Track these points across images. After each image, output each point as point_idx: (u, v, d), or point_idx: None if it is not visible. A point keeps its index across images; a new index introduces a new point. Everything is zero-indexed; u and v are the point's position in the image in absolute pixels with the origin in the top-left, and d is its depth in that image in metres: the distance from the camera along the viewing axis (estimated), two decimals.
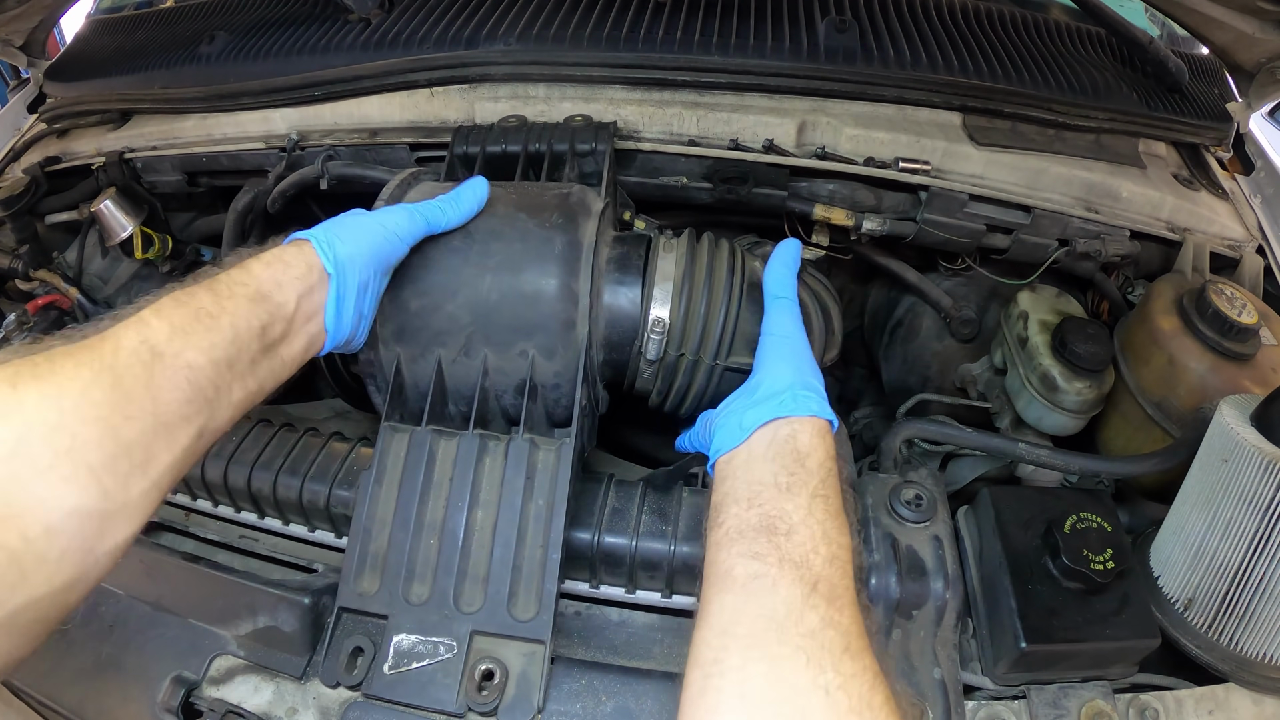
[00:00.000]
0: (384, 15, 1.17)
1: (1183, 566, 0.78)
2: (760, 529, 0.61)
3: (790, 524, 0.61)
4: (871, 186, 1.07)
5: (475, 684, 0.70)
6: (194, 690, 0.76)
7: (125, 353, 0.53)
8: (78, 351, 0.52)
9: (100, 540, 0.49)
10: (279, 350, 0.66)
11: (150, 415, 0.53)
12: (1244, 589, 0.73)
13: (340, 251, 0.69)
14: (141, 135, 1.27)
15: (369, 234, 0.72)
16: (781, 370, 0.73)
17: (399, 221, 0.75)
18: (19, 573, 0.45)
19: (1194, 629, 0.77)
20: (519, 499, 0.77)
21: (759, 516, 0.62)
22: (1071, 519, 0.77)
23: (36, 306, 1.18)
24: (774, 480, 0.65)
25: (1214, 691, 0.77)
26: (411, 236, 0.76)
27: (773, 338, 0.77)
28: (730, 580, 0.59)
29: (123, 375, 0.52)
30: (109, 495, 0.50)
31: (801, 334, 0.78)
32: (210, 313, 0.59)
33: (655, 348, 0.82)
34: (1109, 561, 0.74)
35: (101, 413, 0.50)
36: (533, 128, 1.02)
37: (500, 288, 0.79)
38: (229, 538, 0.92)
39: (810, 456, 0.66)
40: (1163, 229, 1.08)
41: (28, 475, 0.46)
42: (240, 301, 0.62)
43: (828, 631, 0.54)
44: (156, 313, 0.57)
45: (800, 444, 0.67)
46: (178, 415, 0.55)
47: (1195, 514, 0.76)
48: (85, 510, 0.48)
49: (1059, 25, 1.23)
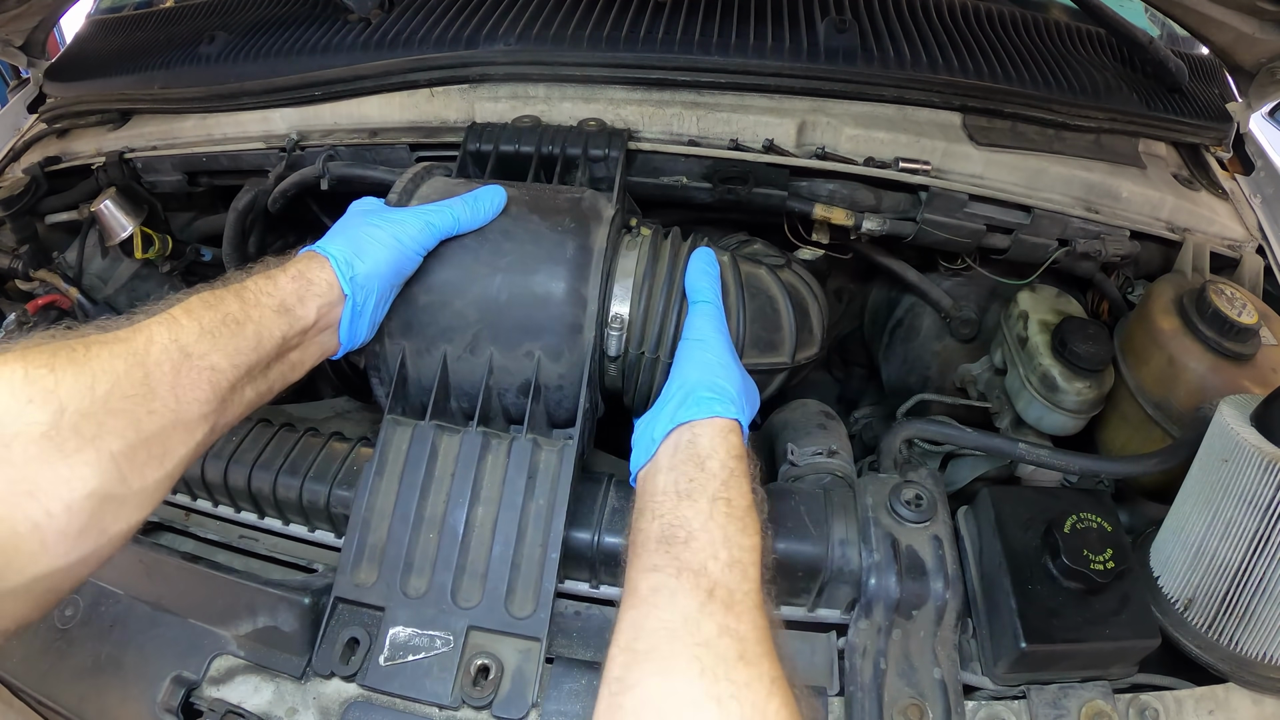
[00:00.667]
0: (384, 15, 1.17)
1: (1183, 566, 0.78)
2: (660, 540, 0.61)
3: (689, 531, 0.61)
4: (871, 186, 1.07)
5: (470, 678, 0.71)
6: (194, 690, 0.76)
7: (156, 349, 0.56)
8: (112, 343, 0.55)
9: (114, 522, 0.53)
10: (292, 356, 0.69)
11: (172, 412, 0.56)
12: (1244, 589, 0.73)
13: (358, 270, 0.72)
14: (141, 135, 1.27)
15: (387, 251, 0.74)
16: (689, 373, 0.74)
17: (414, 236, 0.76)
18: (39, 544, 0.48)
19: (1194, 629, 0.77)
20: (520, 497, 0.77)
21: (660, 527, 0.62)
22: (1071, 519, 0.77)
23: (36, 306, 1.18)
24: (675, 488, 0.65)
25: (1214, 691, 0.77)
26: (425, 249, 0.78)
27: (686, 342, 0.78)
28: (635, 596, 0.59)
29: (152, 371, 0.55)
30: (126, 482, 0.53)
31: (718, 335, 0.78)
32: (237, 319, 0.62)
33: (615, 344, 0.83)
34: (1109, 561, 0.74)
35: (129, 405, 0.53)
36: (546, 129, 1.02)
37: (511, 288, 0.80)
38: (229, 538, 0.92)
39: (711, 458, 0.67)
40: (1163, 229, 1.08)
41: (56, 456, 0.49)
42: (266, 311, 0.65)
43: (723, 639, 0.54)
44: (187, 312, 0.60)
45: (700, 447, 0.68)
46: (197, 414, 0.58)
47: (1195, 514, 0.76)
48: (103, 494, 0.51)
49: (1059, 25, 1.23)
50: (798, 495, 0.83)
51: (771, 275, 0.93)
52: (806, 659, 0.79)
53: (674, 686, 0.52)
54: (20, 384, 0.49)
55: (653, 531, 0.62)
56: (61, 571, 0.50)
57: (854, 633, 0.77)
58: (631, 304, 0.83)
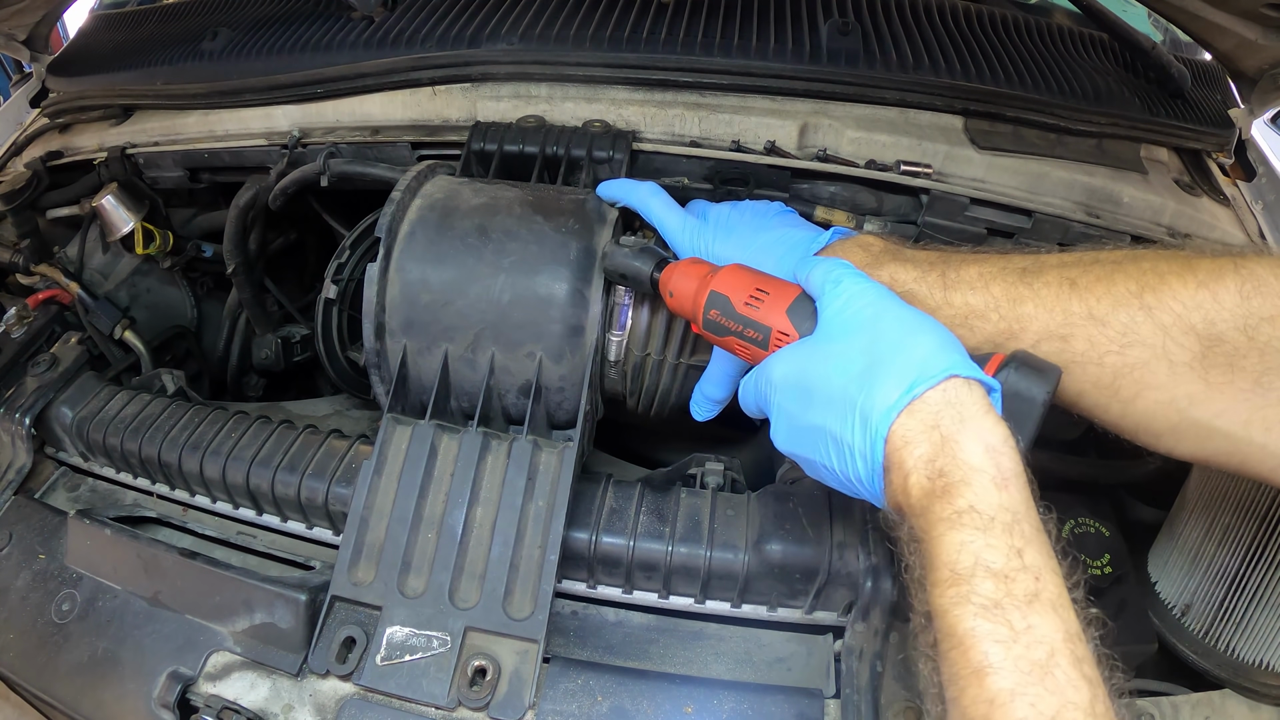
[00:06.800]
0: (387, 13, 1.17)
1: (1180, 572, 0.78)
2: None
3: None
4: (873, 189, 1.07)
5: (467, 679, 0.71)
6: (190, 686, 0.76)
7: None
8: None
9: None
10: None
11: None
12: (1241, 595, 0.73)
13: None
14: (143, 131, 1.27)
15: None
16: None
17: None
18: None
19: (1191, 635, 0.77)
20: (519, 499, 0.77)
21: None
22: (1069, 524, 0.77)
23: (37, 301, 1.18)
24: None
25: (1210, 698, 0.77)
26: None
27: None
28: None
29: None
30: None
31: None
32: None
33: (615, 350, 0.83)
34: (1106, 567, 0.74)
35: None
36: (551, 130, 1.02)
37: (513, 288, 0.80)
38: (226, 534, 0.92)
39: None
40: (1163, 234, 1.07)
41: None
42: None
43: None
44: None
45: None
46: None
47: (1193, 520, 0.76)
48: None
49: (1062, 30, 1.23)
50: (796, 497, 0.83)
51: None
52: (803, 661, 0.79)
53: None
54: None
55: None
56: None
57: (851, 635, 0.77)
58: (634, 306, 0.83)
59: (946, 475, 0.52)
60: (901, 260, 0.72)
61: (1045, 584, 0.49)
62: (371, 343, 0.82)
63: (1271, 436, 0.57)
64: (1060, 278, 0.64)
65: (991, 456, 0.52)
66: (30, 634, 0.82)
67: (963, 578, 0.50)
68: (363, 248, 1.07)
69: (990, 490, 0.51)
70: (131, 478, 0.97)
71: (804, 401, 0.61)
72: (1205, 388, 0.58)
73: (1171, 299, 0.58)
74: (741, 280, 0.71)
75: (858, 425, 0.57)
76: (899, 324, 0.59)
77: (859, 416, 0.57)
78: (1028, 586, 0.48)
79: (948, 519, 0.51)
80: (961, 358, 0.56)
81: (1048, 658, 0.46)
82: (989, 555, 0.49)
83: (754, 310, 0.68)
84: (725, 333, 0.71)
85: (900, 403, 0.54)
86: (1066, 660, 0.47)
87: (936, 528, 0.52)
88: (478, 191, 0.87)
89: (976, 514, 0.51)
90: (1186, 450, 0.61)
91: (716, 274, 0.72)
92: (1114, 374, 0.61)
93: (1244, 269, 0.57)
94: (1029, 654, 0.47)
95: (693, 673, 0.78)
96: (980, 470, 0.52)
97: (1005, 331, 0.65)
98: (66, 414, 0.98)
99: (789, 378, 0.63)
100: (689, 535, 0.79)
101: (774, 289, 0.69)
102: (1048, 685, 0.46)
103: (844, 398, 0.58)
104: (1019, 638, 0.47)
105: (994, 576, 0.49)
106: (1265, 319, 0.55)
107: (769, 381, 0.65)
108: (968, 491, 0.51)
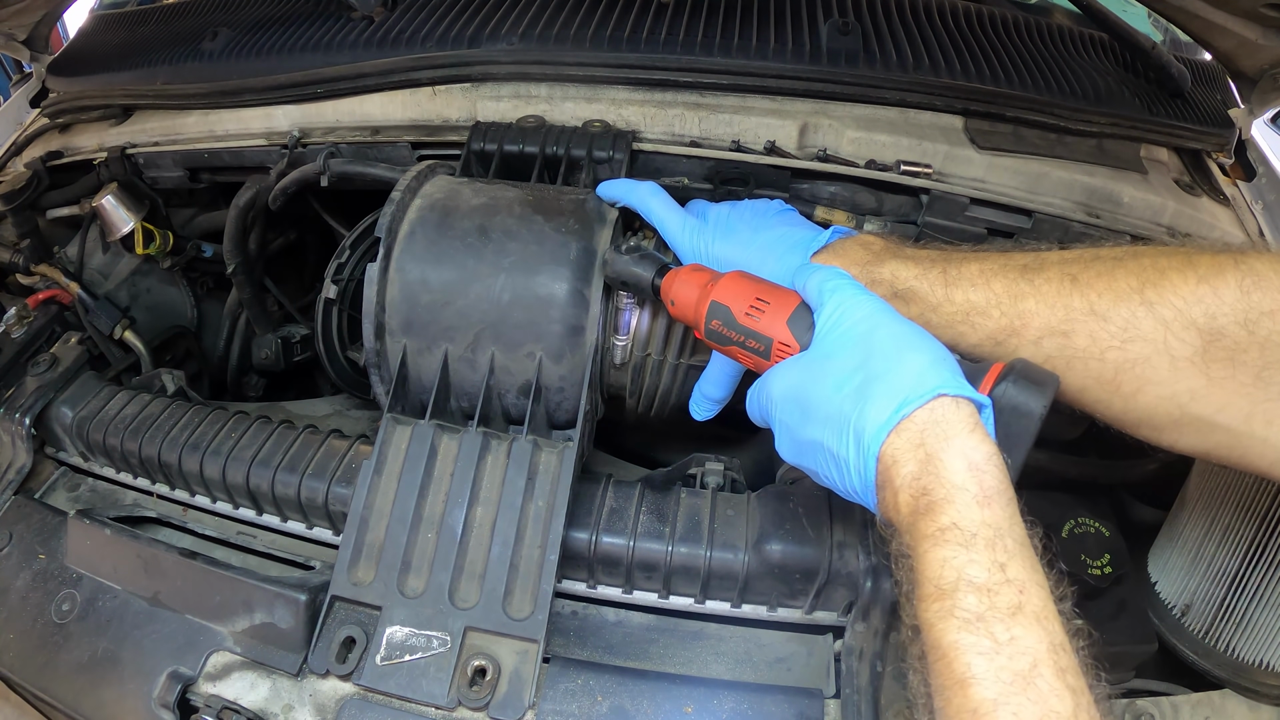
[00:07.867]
0: (387, 13, 1.17)
1: (1180, 572, 0.78)
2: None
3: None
4: (873, 189, 1.07)
5: (467, 679, 0.71)
6: (190, 686, 0.76)
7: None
8: None
9: None
10: None
11: None
12: (1241, 595, 0.73)
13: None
14: (144, 131, 1.27)
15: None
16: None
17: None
18: None
19: (1191, 635, 0.77)
20: (519, 499, 0.77)
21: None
22: (1069, 523, 0.77)
23: (37, 301, 1.18)
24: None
25: (1210, 698, 0.77)
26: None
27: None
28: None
29: None
30: None
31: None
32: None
33: (621, 353, 0.83)
34: (1106, 566, 0.74)
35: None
36: (551, 129, 1.02)
37: (513, 288, 0.80)
38: (226, 534, 0.92)
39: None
40: (1163, 234, 1.07)
41: None
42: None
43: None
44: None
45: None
46: None
47: (1193, 520, 0.76)
48: None
49: (1062, 30, 1.23)
50: (796, 497, 0.83)
51: None
52: (803, 661, 0.79)
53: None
54: None
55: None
56: None
57: (851, 635, 0.77)
58: (635, 306, 0.83)
59: (930, 493, 0.53)
60: (903, 258, 0.72)
61: (1029, 596, 0.50)
62: (371, 343, 0.82)
63: (1272, 431, 0.57)
64: (1061, 274, 0.64)
65: (974, 474, 0.53)
66: (30, 634, 0.82)
67: (947, 592, 0.51)
68: (363, 248, 1.07)
69: (972, 507, 0.52)
70: (131, 478, 0.97)
71: (802, 417, 0.62)
72: (1206, 382, 0.58)
73: (1172, 294, 0.59)
74: (742, 289, 0.71)
75: (852, 442, 0.58)
76: (892, 340, 0.60)
77: (853, 434, 0.58)
78: (1011, 599, 0.49)
79: (931, 535, 0.52)
80: (951, 375, 0.57)
81: (1030, 668, 0.47)
82: (972, 570, 0.50)
83: (755, 321, 0.69)
84: (728, 342, 0.71)
85: (890, 422, 0.56)
86: (1050, 670, 0.47)
87: (922, 544, 0.53)
88: (478, 191, 0.87)
89: (959, 530, 0.51)
90: (1188, 445, 0.62)
91: (717, 283, 0.72)
92: (1115, 369, 0.61)
93: (1244, 264, 0.57)
94: (1012, 665, 0.47)
95: (693, 673, 0.78)
96: (962, 488, 0.53)
97: (1007, 328, 0.65)
98: (66, 414, 0.98)
99: (787, 394, 0.64)
100: (689, 535, 0.79)
101: (774, 298, 0.69)
102: (1030, 695, 0.46)
103: (839, 415, 0.59)
104: (1002, 649, 0.48)
105: (977, 591, 0.50)
106: (1266, 314, 0.56)
107: (769, 397, 0.66)
108: (950, 509, 0.52)
